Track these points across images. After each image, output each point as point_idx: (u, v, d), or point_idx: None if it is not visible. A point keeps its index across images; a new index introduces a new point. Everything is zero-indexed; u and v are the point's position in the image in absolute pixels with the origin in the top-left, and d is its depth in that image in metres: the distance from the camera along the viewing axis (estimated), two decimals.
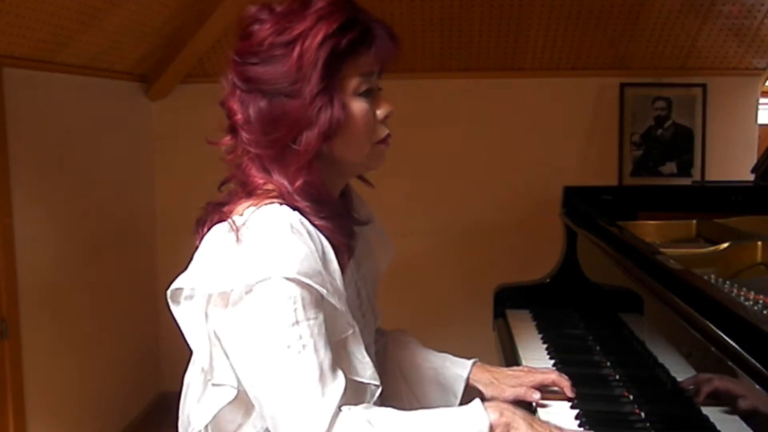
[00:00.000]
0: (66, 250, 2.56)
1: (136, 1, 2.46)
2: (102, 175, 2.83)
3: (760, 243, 1.69)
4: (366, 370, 1.13)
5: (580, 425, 1.30)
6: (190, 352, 1.14)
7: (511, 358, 1.69)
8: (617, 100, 3.22)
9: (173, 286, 1.11)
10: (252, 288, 1.03)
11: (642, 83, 3.21)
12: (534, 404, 1.36)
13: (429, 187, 3.27)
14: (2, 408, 2.16)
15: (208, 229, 1.13)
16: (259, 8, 1.16)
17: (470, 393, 1.37)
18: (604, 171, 3.23)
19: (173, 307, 1.13)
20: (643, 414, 1.33)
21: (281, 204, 1.11)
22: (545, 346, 1.73)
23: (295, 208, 1.11)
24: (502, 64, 3.22)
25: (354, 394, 1.10)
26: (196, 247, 1.14)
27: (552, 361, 1.62)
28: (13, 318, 2.21)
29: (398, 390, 1.39)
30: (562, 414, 1.34)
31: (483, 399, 1.17)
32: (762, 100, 3.30)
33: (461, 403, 1.35)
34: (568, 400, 1.38)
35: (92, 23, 2.39)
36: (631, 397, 1.42)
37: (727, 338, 1.03)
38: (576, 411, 1.35)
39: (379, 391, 1.15)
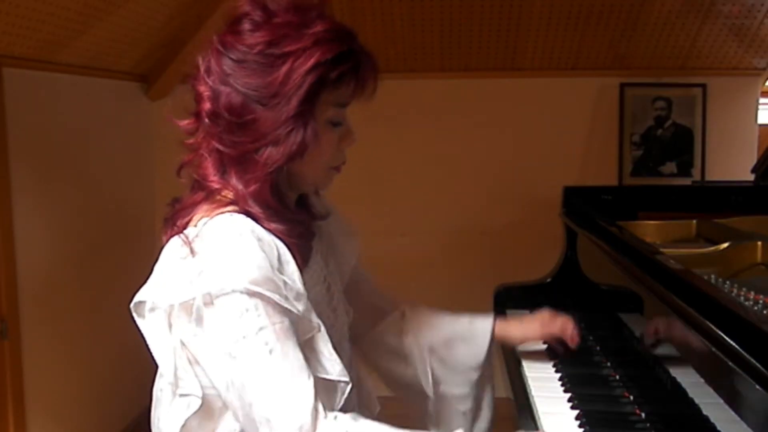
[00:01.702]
0: (66, 250, 2.56)
1: (136, 1, 2.46)
2: (102, 175, 2.83)
3: (760, 243, 1.69)
4: (334, 367, 1.13)
5: (580, 425, 1.30)
6: (156, 365, 1.15)
7: (511, 358, 1.69)
8: (617, 100, 3.22)
9: (135, 299, 1.13)
10: (212, 301, 1.04)
11: (642, 83, 3.21)
12: (531, 395, 1.38)
13: (428, 187, 3.27)
14: (2, 408, 2.16)
15: (168, 239, 1.13)
16: (254, 7, 1.13)
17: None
18: (604, 171, 3.23)
19: (139, 321, 1.14)
20: (643, 414, 1.34)
21: (233, 213, 1.11)
22: (545, 346, 1.73)
23: (248, 214, 1.11)
24: (502, 64, 3.21)
25: (324, 392, 1.11)
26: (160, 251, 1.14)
27: (552, 361, 1.63)
28: (13, 318, 2.21)
29: (414, 360, 1.47)
30: (562, 414, 1.35)
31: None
32: (762, 100, 3.30)
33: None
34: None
35: (92, 23, 2.39)
36: (631, 397, 1.42)
37: (727, 338, 1.03)
38: (576, 411, 1.35)
39: (348, 388, 1.14)
